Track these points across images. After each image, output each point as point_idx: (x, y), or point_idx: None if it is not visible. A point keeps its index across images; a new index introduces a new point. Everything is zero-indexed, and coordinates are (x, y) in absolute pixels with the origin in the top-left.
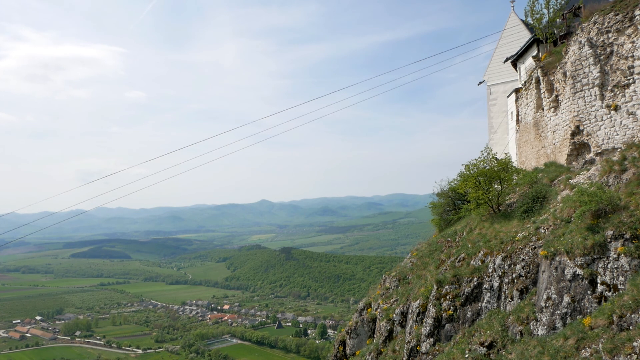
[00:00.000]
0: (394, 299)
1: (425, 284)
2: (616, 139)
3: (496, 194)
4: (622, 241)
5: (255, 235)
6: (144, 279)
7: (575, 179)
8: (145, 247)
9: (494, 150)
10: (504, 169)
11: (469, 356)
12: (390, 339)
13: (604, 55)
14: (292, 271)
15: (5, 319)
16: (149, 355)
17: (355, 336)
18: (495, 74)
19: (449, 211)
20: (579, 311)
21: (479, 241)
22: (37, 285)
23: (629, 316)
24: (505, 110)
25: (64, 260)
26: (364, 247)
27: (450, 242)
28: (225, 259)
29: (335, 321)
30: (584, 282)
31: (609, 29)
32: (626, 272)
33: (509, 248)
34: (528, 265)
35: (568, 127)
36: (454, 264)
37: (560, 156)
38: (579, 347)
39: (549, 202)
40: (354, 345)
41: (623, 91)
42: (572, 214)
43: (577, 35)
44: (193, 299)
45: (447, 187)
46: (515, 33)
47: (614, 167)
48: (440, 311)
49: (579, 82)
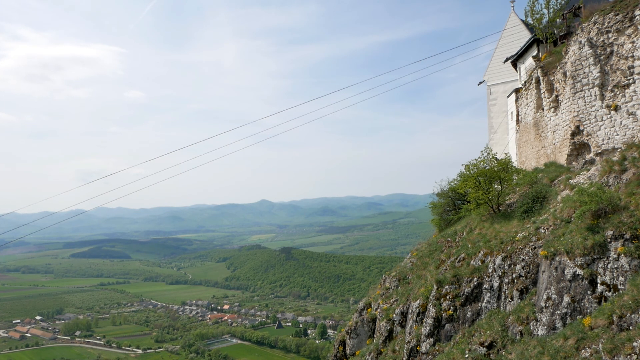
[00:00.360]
0: (394, 299)
1: (425, 284)
2: (616, 139)
3: (496, 194)
4: (622, 241)
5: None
6: (144, 279)
7: (575, 179)
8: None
9: (494, 151)
10: (504, 169)
11: (468, 356)
12: (390, 339)
13: (604, 55)
14: (292, 271)
15: (5, 319)
16: (149, 355)
17: (355, 336)
18: (495, 74)
19: (449, 211)
20: (579, 311)
21: (479, 241)
22: (37, 285)
23: (629, 316)
24: (505, 110)
25: (64, 260)
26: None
27: (450, 242)
28: (225, 259)
29: (335, 321)
30: (584, 282)
31: (609, 29)
32: (626, 272)
33: (509, 248)
34: (528, 265)
35: (568, 127)
36: (454, 264)
37: (560, 156)
38: (579, 347)
39: (549, 202)
40: (354, 345)
41: (623, 91)
42: (572, 214)
43: (577, 35)
44: (193, 299)
45: (447, 187)
46: (516, 33)
47: (614, 167)
48: (440, 311)
49: (579, 82)
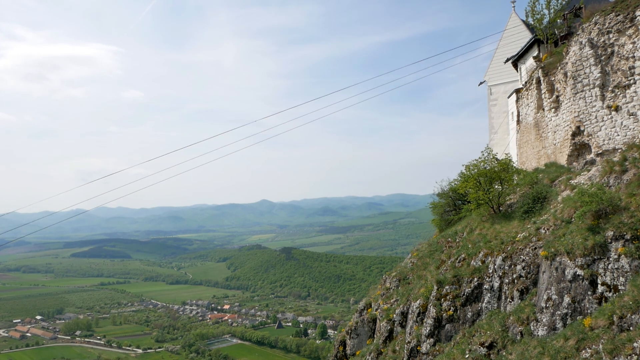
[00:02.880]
0: (394, 299)
1: (426, 284)
2: (617, 139)
3: (497, 194)
4: (622, 242)
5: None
6: (144, 278)
7: (575, 179)
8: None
9: (494, 151)
10: (504, 169)
11: (469, 356)
12: (391, 339)
13: (604, 55)
14: (292, 271)
15: (5, 319)
16: (149, 355)
17: (355, 336)
18: (496, 74)
19: (450, 211)
20: (579, 312)
21: (479, 241)
22: (38, 284)
23: (629, 317)
24: (505, 110)
25: (65, 260)
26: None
27: (451, 243)
28: (225, 258)
29: (335, 321)
30: (584, 283)
31: (609, 30)
32: (626, 273)
33: (509, 248)
34: (528, 265)
35: (569, 128)
36: (455, 264)
37: (560, 157)
38: (580, 348)
39: (550, 202)
40: (354, 345)
41: (624, 92)
42: (572, 214)
43: (577, 36)
44: (193, 298)
45: (447, 188)
46: (516, 33)
47: (615, 168)
48: (440, 311)
49: (580, 82)
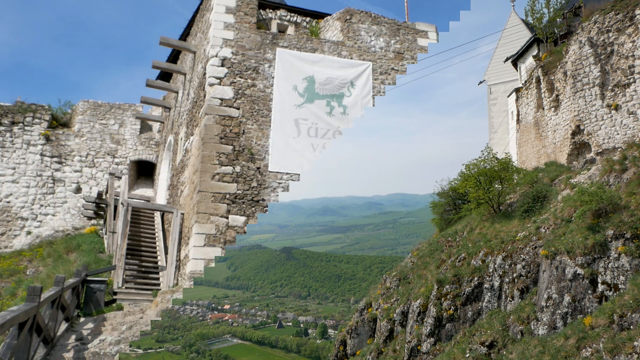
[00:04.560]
0: (395, 299)
1: (426, 283)
2: (617, 138)
3: (497, 193)
4: (622, 240)
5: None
6: None
7: (575, 178)
8: None
9: (494, 150)
10: (504, 168)
11: (469, 356)
12: (391, 339)
13: (604, 54)
14: (292, 271)
15: None
16: (149, 355)
17: (355, 336)
18: (495, 74)
19: (450, 211)
20: (579, 311)
21: (479, 241)
22: None
23: (629, 315)
24: (505, 110)
25: None
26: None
27: (451, 242)
28: (225, 258)
29: (335, 321)
30: (584, 282)
31: (609, 29)
32: (627, 272)
33: (509, 248)
34: (529, 264)
35: (568, 127)
36: (455, 263)
37: (560, 156)
38: (580, 347)
39: (550, 201)
40: (354, 345)
41: (623, 91)
42: (572, 213)
43: (577, 35)
44: (193, 298)
45: (447, 187)
46: (516, 33)
47: (615, 167)
48: (440, 311)
49: (580, 81)
